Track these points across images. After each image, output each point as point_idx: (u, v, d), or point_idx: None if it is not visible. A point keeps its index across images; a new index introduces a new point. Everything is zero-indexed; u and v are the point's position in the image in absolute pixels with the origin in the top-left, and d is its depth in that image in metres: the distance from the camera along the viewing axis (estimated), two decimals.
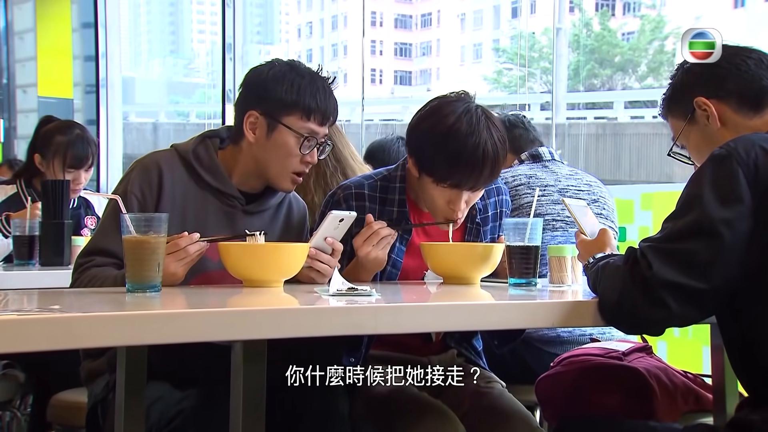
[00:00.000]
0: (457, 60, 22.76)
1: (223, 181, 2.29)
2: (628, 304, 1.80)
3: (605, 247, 2.10)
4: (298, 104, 2.23)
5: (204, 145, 2.32)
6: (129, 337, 1.55)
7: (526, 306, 1.89)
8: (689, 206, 1.80)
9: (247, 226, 2.24)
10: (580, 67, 20.69)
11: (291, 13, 26.26)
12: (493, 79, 19.51)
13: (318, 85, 2.26)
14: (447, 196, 2.32)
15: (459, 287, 2.24)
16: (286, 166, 2.28)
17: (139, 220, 1.91)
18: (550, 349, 2.96)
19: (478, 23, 22.69)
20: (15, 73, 8.55)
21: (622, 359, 2.53)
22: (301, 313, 1.68)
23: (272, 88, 2.23)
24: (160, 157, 2.28)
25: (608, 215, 3.19)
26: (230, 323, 1.60)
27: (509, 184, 3.10)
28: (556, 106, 12.01)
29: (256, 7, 27.04)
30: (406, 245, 2.45)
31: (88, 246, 2.25)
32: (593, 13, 21.02)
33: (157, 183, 2.23)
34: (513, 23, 21.19)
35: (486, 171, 2.27)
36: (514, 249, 2.22)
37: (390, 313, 1.72)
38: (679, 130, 2.06)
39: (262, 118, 2.25)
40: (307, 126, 2.25)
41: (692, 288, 1.75)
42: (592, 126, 11.76)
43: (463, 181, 2.29)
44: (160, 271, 1.91)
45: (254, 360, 1.68)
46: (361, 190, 2.43)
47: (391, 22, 24.20)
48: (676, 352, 3.99)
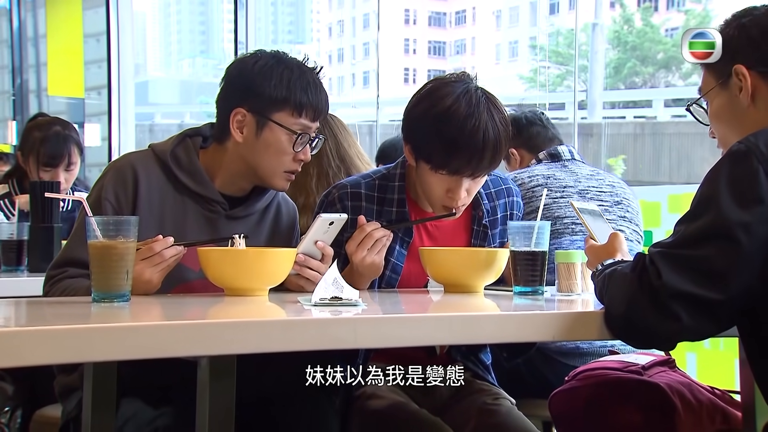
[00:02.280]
0: (492, 58, 22.65)
1: (204, 185, 2.18)
2: (635, 316, 1.68)
3: (615, 253, 1.97)
4: (288, 100, 2.14)
5: (184, 145, 2.21)
6: (80, 353, 1.45)
7: (524, 318, 1.77)
8: (704, 208, 1.68)
9: (230, 233, 2.14)
10: (621, 65, 20.50)
11: (322, 12, 26.29)
12: (530, 78, 19.37)
13: (308, 78, 2.17)
14: (445, 184, 2.22)
15: (458, 296, 2.12)
16: (278, 166, 2.18)
17: (107, 223, 1.82)
18: (568, 361, 2.85)
19: (514, 20, 22.55)
20: (29, 78, 8.62)
21: (642, 374, 2.41)
22: (270, 326, 1.57)
23: (260, 83, 2.13)
24: (135, 159, 2.17)
25: (632, 218, 3.07)
26: (192, 337, 1.51)
27: (525, 185, 2.98)
28: (591, 104, 11.88)
29: (287, 6, 27.15)
30: (407, 248, 2.34)
31: (60, 257, 2.15)
32: (635, 8, 20.83)
33: (133, 186, 2.12)
34: (551, 20, 21.03)
35: (487, 156, 2.17)
36: (519, 255, 2.11)
37: (370, 326, 1.62)
38: (709, 88, 1.92)
39: (250, 115, 2.15)
40: (299, 122, 2.16)
41: (706, 299, 1.63)
42: (630, 125, 11.60)
43: (462, 168, 2.18)
44: (129, 279, 1.82)
45: (221, 377, 1.58)
46: (357, 190, 2.34)
47: (425, 20, 24.13)
48: (707, 365, 3.83)
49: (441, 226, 2.39)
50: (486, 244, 2.39)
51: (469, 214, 2.41)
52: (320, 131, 2.81)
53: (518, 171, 3.10)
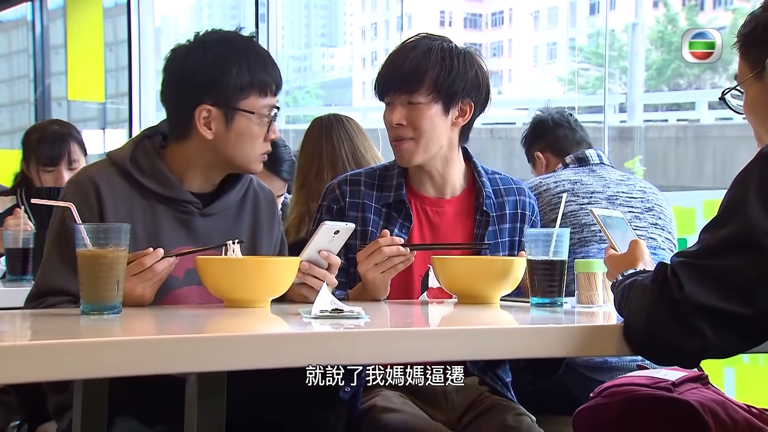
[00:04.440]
0: (530, 60, 22.47)
1: (172, 187, 2.11)
2: (656, 331, 1.60)
3: (637, 262, 1.88)
4: (253, 83, 2.08)
5: (143, 148, 2.13)
6: (60, 370, 1.40)
7: (535, 332, 1.69)
8: (731, 214, 1.59)
9: (208, 231, 2.09)
10: (665, 66, 20.27)
11: (355, 14, 26.25)
12: (569, 80, 19.19)
13: (260, 53, 2.12)
14: (388, 114, 2.32)
15: (470, 308, 2.05)
16: (252, 152, 2.12)
17: (97, 231, 1.76)
18: (596, 376, 2.78)
19: (552, 21, 22.36)
20: (50, 84, 8.70)
21: (672, 390, 2.32)
22: (261, 340, 1.51)
23: (220, 75, 2.06)
24: (94, 172, 2.10)
25: (665, 225, 2.98)
26: (178, 353, 1.45)
27: (551, 190, 2.91)
28: (631, 107, 11.72)
29: (320, 9, 27.23)
30: (408, 233, 2.32)
31: (35, 288, 2.07)
32: (680, 7, 20.61)
33: (96, 201, 2.05)
34: (591, 20, 20.85)
35: (410, 63, 2.26)
36: (537, 264, 2.03)
37: (369, 341, 1.55)
38: (744, 78, 1.83)
39: (216, 110, 2.07)
40: (266, 102, 2.11)
41: (732, 313, 1.55)
42: (671, 129, 11.41)
43: (388, 79, 2.29)
44: (120, 290, 1.77)
45: (210, 395, 1.52)
46: (357, 177, 2.40)
47: (461, 22, 24.01)
48: (746, 381, 3.71)
49: (442, 213, 2.38)
50: (486, 233, 2.35)
51: (472, 205, 2.39)
52: (336, 134, 2.74)
53: (544, 176, 3.03)
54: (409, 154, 2.31)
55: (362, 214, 2.33)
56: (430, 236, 2.35)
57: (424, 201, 2.37)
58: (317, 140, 3.00)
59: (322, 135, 3.00)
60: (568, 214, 2.88)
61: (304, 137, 3.08)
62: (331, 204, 2.36)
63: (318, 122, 3.05)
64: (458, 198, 2.39)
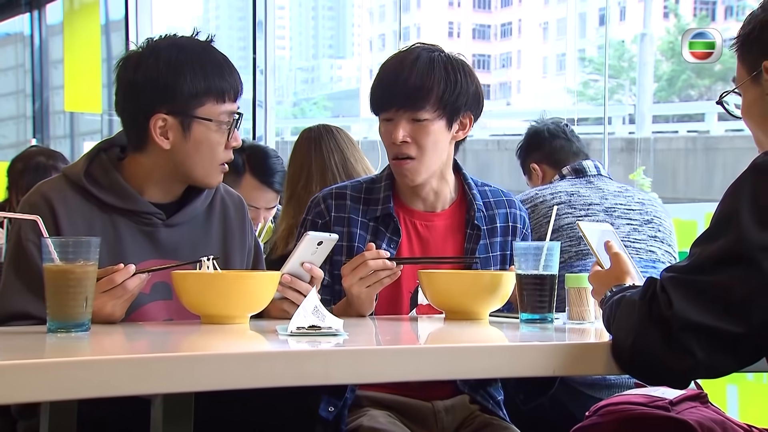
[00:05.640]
0: (539, 72, 22.44)
1: (131, 199, 2.04)
2: (644, 350, 1.54)
3: (624, 277, 1.82)
4: (209, 90, 2.01)
5: (98, 161, 2.07)
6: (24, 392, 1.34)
7: (519, 350, 1.63)
8: (723, 227, 1.53)
9: (174, 242, 2.03)
10: (675, 77, 20.22)
11: (363, 26, 26.25)
12: (578, 91, 19.16)
13: (217, 58, 2.04)
14: (389, 131, 2.23)
15: (457, 324, 2.00)
16: (212, 162, 2.05)
17: (65, 245, 1.71)
18: (594, 393, 2.72)
19: (562, 32, 22.34)
20: (48, 98, 8.74)
21: (670, 409, 2.26)
22: (230, 360, 1.45)
23: (174, 81, 1.99)
24: (47, 189, 2.03)
25: (665, 238, 2.92)
26: (142, 373, 1.39)
27: (547, 202, 2.85)
28: (640, 118, 11.65)
29: (327, 21, 27.30)
30: (396, 248, 2.25)
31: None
32: (690, 18, 20.59)
33: (51, 219, 1.98)
34: (600, 31, 20.83)
35: (414, 79, 2.18)
36: (526, 278, 1.98)
37: (343, 359, 1.49)
38: (741, 81, 1.77)
39: (171, 118, 2.01)
40: (224, 108, 2.03)
41: (723, 331, 1.48)
42: (680, 140, 11.33)
43: (392, 94, 2.21)
44: (89, 307, 1.71)
45: (177, 417, 1.47)
46: (342, 191, 2.33)
47: (469, 33, 23.98)
48: (750, 400, 3.63)
49: (432, 227, 2.32)
50: (477, 246, 2.30)
51: (462, 218, 2.33)
52: (326, 145, 2.68)
53: (540, 187, 2.97)
54: (413, 174, 2.24)
55: (348, 228, 2.26)
56: (420, 251, 2.29)
57: (414, 214, 2.31)
58: (306, 151, 2.95)
59: (311, 146, 2.95)
60: (564, 226, 2.82)
61: (293, 148, 3.04)
62: (316, 219, 2.30)
63: (307, 133, 3.00)
64: (448, 211, 2.33)
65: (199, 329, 1.84)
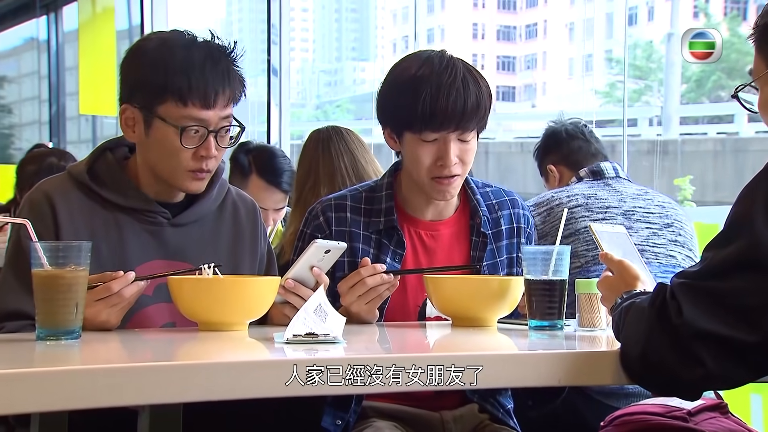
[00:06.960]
0: (564, 73, 22.33)
1: (135, 197, 2.01)
2: (653, 359, 1.49)
3: (634, 282, 1.76)
4: (167, 88, 1.92)
5: (103, 159, 2.04)
6: None
7: (523, 359, 1.58)
8: (736, 231, 1.48)
9: (181, 242, 2.00)
10: (705, 78, 20.05)
11: (386, 27, 26.24)
12: (605, 92, 19.03)
13: (194, 59, 1.93)
14: (435, 151, 2.13)
15: (462, 331, 1.95)
16: (176, 165, 1.97)
17: (55, 249, 1.68)
18: (611, 402, 2.67)
19: (588, 33, 22.22)
20: (65, 103, 8.80)
21: (688, 420, 2.21)
22: (218, 369, 1.41)
23: (143, 73, 1.95)
24: (49, 187, 2.00)
25: (685, 242, 2.86)
26: (128, 384, 1.36)
27: (564, 205, 2.80)
28: (666, 120, 11.54)
29: (351, 23, 27.33)
30: (401, 261, 2.19)
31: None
32: (721, 18, 20.43)
33: (51, 217, 1.96)
34: (629, 31, 20.69)
35: (470, 103, 2.09)
36: (535, 284, 1.93)
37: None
38: (759, 74, 1.70)
39: (137, 111, 1.97)
40: (187, 113, 1.92)
41: (735, 340, 1.43)
42: (709, 142, 11.21)
43: (447, 119, 2.09)
44: (79, 314, 1.68)
45: (164, 429, 1.42)
46: (342, 202, 2.24)
47: (494, 35, 23.89)
48: None
49: (438, 236, 2.25)
50: (483, 254, 2.24)
51: (467, 224, 2.27)
52: (335, 147, 2.63)
53: (557, 189, 2.92)
54: (455, 190, 2.19)
55: (350, 243, 2.18)
56: (426, 261, 2.23)
57: (419, 224, 2.24)
58: (314, 153, 2.91)
59: (319, 147, 2.91)
60: (581, 230, 2.77)
61: (301, 150, 3.00)
62: (315, 232, 2.21)
63: (315, 134, 2.96)
64: (453, 218, 2.28)
65: (196, 336, 1.81)
